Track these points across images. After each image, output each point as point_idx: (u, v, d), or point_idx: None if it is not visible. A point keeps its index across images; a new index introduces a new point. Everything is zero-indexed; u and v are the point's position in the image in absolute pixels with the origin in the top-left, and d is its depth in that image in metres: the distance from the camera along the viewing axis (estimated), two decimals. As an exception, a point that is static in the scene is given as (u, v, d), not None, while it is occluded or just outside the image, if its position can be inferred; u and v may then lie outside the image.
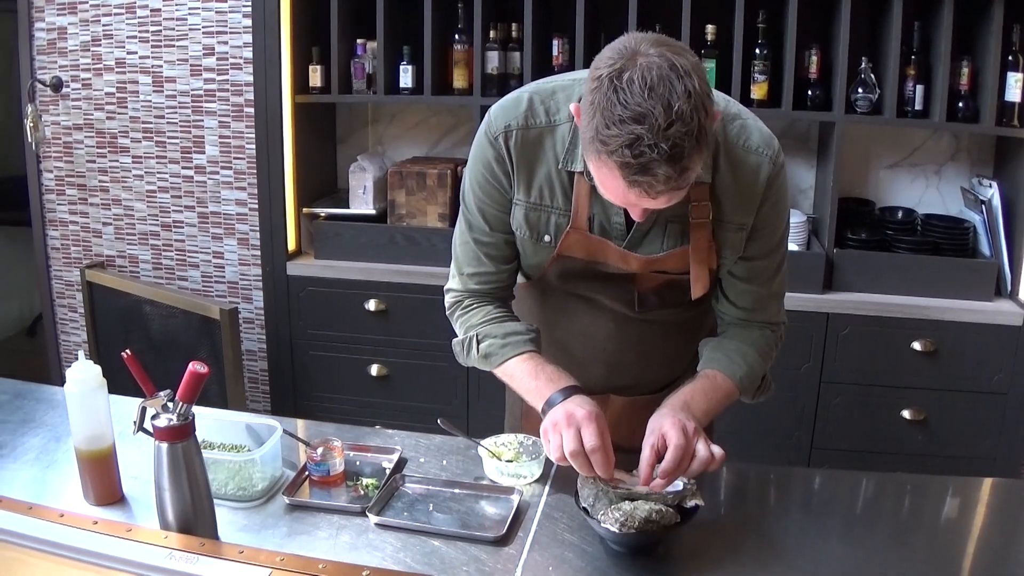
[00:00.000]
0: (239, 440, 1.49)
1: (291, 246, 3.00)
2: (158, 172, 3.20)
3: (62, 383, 1.36)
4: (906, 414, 2.67)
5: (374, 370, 2.97)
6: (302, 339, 3.01)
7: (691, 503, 1.28)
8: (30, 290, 4.01)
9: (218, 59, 3.04)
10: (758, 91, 2.69)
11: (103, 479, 1.37)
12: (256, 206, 3.08)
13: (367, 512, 1.35)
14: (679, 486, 1.30)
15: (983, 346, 2.59)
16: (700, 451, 1.30)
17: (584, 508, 1.29)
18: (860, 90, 2.64)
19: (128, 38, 3.10)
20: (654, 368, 1.60)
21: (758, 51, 2.67)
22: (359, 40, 2.93)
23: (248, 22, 2.91)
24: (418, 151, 3.22)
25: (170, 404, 1.23)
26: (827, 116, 2.69)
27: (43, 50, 3.18)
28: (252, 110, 2.97)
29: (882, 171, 2.97)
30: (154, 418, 1.23)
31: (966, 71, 2.62)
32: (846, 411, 2.71)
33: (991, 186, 2.68)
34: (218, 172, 3.15)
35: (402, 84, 2.90)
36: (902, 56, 2.58)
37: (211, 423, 1.48)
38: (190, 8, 3.02)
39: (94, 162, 3.25)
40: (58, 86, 3.18)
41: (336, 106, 3.22)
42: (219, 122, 3.09)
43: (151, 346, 2.95)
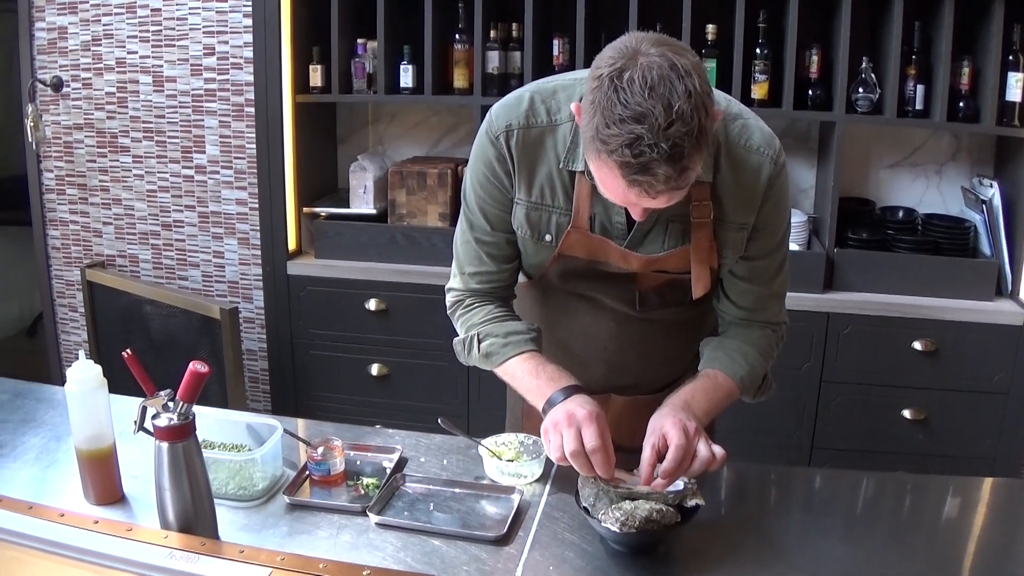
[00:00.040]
0: (239, 440, 1.49)
1: (291, 246, 3.00)
2: (158, 172, 3.20)
3: (62, 383, 1.36)
4: (907, 414, 2.67)
5: (374, 369, 2.97)
6: (302, 339, 3.01)
7: (692, 503, 1.28)
8: (30, 290, 4.01)
9: (218, 59, 3.04)
10: (759, 91, 2.69)
11: (103, 479, 1.37)
12: (256, 206, 3.08)
13: (368, 512, 1.35)
14: (680, 486, 1.30)
15: (984, 346, 2.59)
16: (701, 451, 1.30)
17: (585, 508, 1.29)
18: (861, 90, 2.64)
19: (128, 38, 3.10)
20: (655, 367, 1.60)
21: (759, 51, 2.67)
22: (359, 40, 2.93)
23: (248, 22, 2.91)
24: (418, 151, 3.22)
25: (171, 404, 1.23)
26: (828, 116, 2.69)
27: (43, 50, 3.18)
28: (252, 110, 2.97)
29: (883, 171, 2.97)
30: (155, 418, 1.23)
31: (967, 71, 2.61)
32: (847, 411, 2.71)
33: (992, 186, 2.68)
34: (218, 172, 3.15)
35: (402, 84, 2.90)
36: (903, 56, 2.58)
37: (212, 423, 1.48)
38: (190, 8, 3.02)
39: (94, 162, 3.25)
40: (58, 86, 3.18)
41: (336, 106, 3.22)
42: (219, 122, 3.09)
43: (151, 346, 2.95)
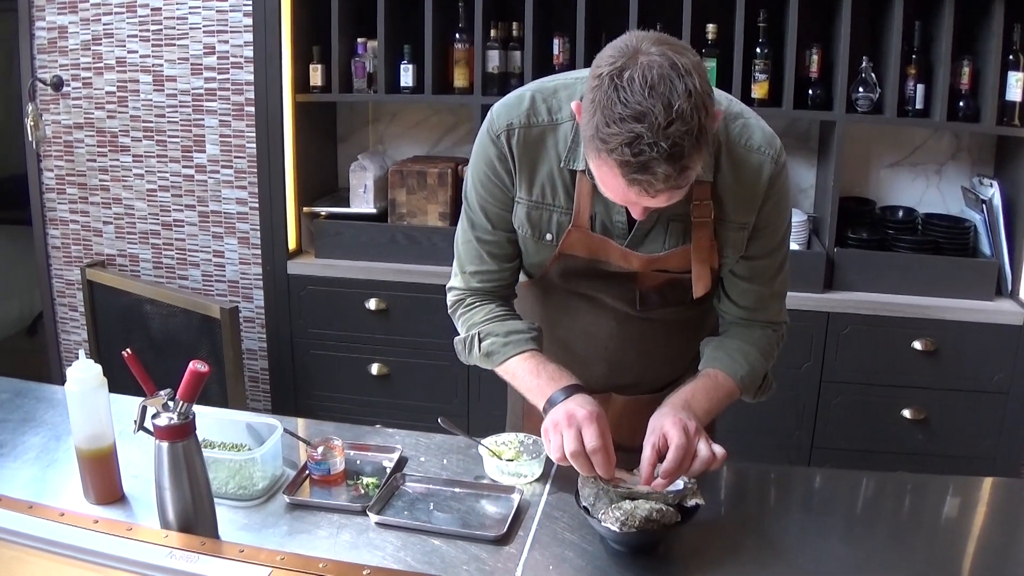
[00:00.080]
0: (239, 439, 1.49)
1: (292, 245, 3.00)
2: (159, 171, 3.20)
3: (62, 382, 1.36)
4: (906, 413, 2.67)
5: (375, 369, 2.97)
6: (302, 338, 3.01)
7: (692, 502, 1.28)
8: (31, 289, 4.01)
9: (219, 58, 3.04)
10: (759, 90, 2.69)
11: (103, 478, 1.37)
12: (257, 205, 3.08)
13: (368, 511, 1.35)
14: (680, 485, 1.30)
15: (984, 345, 2.59)
16: (701, 450, 1.30)
17: (585, 507, 1.29)
18: (861, 89, 2.64)
19: (129, 37, 3.10)
20: (656, 367, 1.60)
21: (759, 50, 2.67)
22: (360, 39, 2.92)
23: (249, 21, 2.91)
24: (419, 150, 3.22)
25: (171, 403, 1.23)
26: (828, 115, 2.69)
27: (44, 49, 3.18)
28: (253, 109, 2.97)
29: (883, 170, 2.97)
30: (155, 417, 1.23)
31: (967, 70, 2.61)
32: (847, 410, 2.71)
33: (992, 185, 2.68)
34: (219, 171, 3.15)
35: (403, 83, 2.90)
36: (903, 55, 2.58)
37: (212, 422, 1.48)
38: (191, 7, 3.02)
39: (94, 161, 3.25)
40: (59, 85, 3.18)
41: (337, 105, 3.22)
42: (219, 121, 3.09)
43: (151, 345, 2.95)
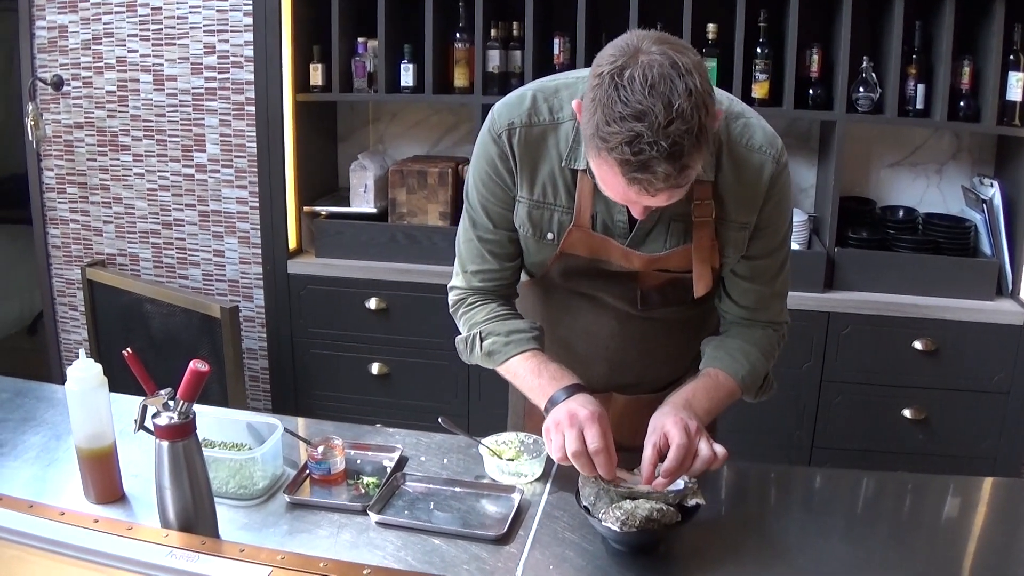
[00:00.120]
0: (240, 438, 1.49)
1: (292, 244, 3.00)
2: (159, 170, 3.20)
3: (63, 381, 1.36)
4: (907, 413, 2.67)
5: (375, 368, 2.97)
6: (303, 337, 3.01)
7: (692, 502, 1.28)
8: (31, 288, 4.01)
9: (219, 57, 3.04)
10: (759, 90, 2.69)
11: (104, 477, 1.37)
12: (257, 204, 3.08)
13: (368, 511, 1.35)
14: (680, 485, 1.30)
15: (984, 345, 2.59)
16: (702, 450, 1.30)
17: (585, 507, 1.29)
18: (861, 89, 2.64)
19: (129, 36, 3.10)
20: (657, 366, 1.59)
21: (759, 50, 2.67)
22: (360, 38, 2.92)
23: (249, 20, 2.91)
24: (419, 150, 3.22)
25: (171, 402, 1.23)
26: (828, 115, 2.69)
27: (44, 48, 3.18)
28: (253, 108, 2.97)
29: (883, 170, 2.97)
30: (155, 416, 1.23)
31: (967, 70, 2.61)
32: (847, 410, 2.71)
33: (992, 185, 2.68)
34: (219, 170, 3.14)
35: (403, 83, 2.90)
36: (903, 55, 2.58)
37: (212, 421, 1.48)
38: (191, 6, 3.02)
39: (95, 160, 3.25)
40: (59, 84, 3.18)
41: (337, 104, 3.22)
42: (220, 120, 3.09)
43: (152, 344, 2.95)
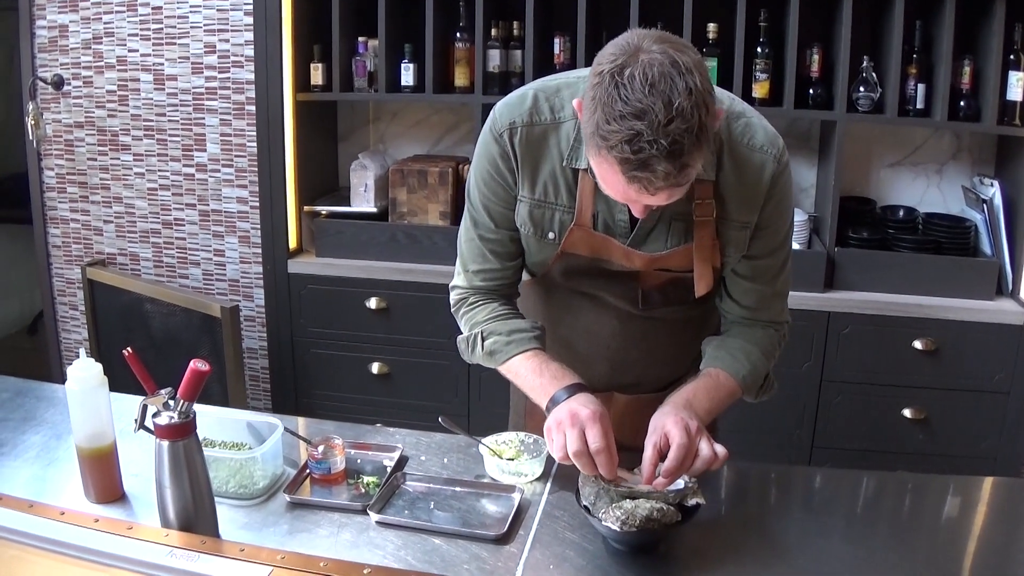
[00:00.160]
0: (240, 438, 1.49)
1: (292, 244, 3.00)
2: (159, 170, 3.20)
3: (63, 381, 1.36)
4: (907, 413, 2.67)
5: (375, 368, 2.97)
6: (303, 337, 3.01)
7: (692, 501, 1.28)
8: (31, 288, 4.01)
9: (219, 57, 3.04)
10: (760, 90, 2.69)
11: (104, 477, 1.37)
12: (257, 204, 3.08)
13: (368, 510, 1.35)
14: (680, 484, 1.30)
15: (984, 345, 2.59)
16: (703, 450, 1.30)
17: (585, 506, 1.29)
18: (862, 89, 2.64)
19: (129, 36, 3.10)
20: (658, 366, 1.59)
21: (760, 50, 2.67)
22: (360, 38, 2.92)
23: (249, 20, 2.91)
24: (419, 149, 3.22)
25: (171, 402, 1.23)
26: (829, 115, 2.69)
27: (44, 48, 3.18)
28: (253, 108, 2.97)
29: (883, 170, 2.97)
30: (155, 416, 1.23)
31: (967, 70, 2.61)
32: (847, 410, 2.71)
33: (992, 185, 2.68)
34: (219, 170, 3.14)
35: (403, 82, 2.90)
36: (904, 55, 2.58)
37: (212, 421, 1.48)
38: (191, 6, 3.02)
39: (95, 160, 3.25)
40: (59, 84, 3.18)
41: (337, 104, 3.22)
42: (220, 120, 3.09)
43: (152, 344, 2.95)
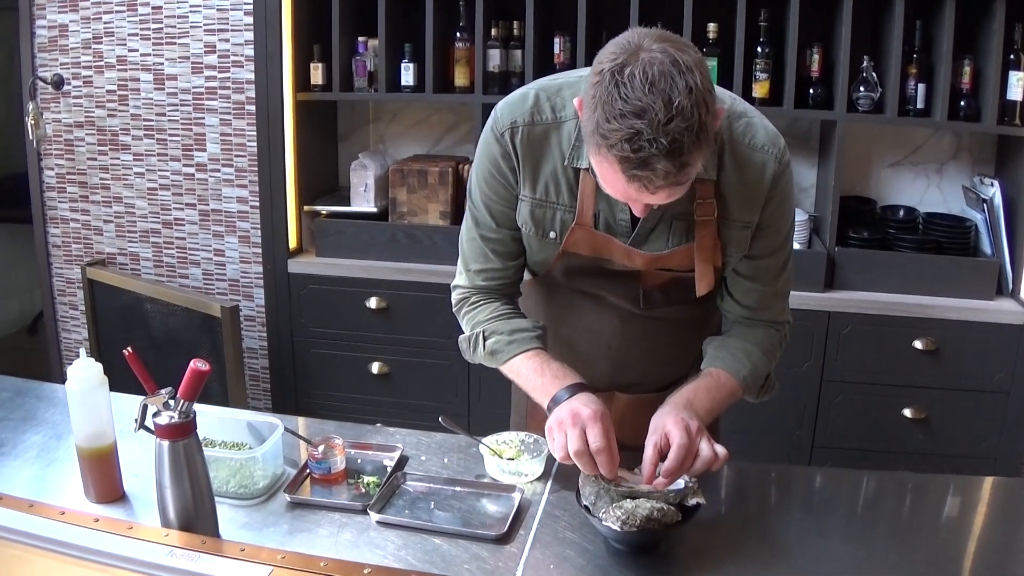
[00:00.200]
0: (240, 438, 1.49)
1: (292, 244, 3.00)
2: (159, 169, 3.20)
3: (63, 381, 1.36)
4: (907, 413, 2.67)
5: (375, 368, 2.97)
6: (303, 337, 3.01)
7: (692, 501, 1.28)
8: (31, 288, 4.01)
9: (219, 56, 3.04)
10: (760, 89, 2.69)
11: (104, 477, 1.37)
12: (257, 204, 3.08)
13: (368, 510, 1.35)
14: (680, 484, 1.30)
15: (984, 345, 2.59)
16: (703, 450, 1.30)
17: (585, 506, 1.29)
18: (862, 89, 2.64)
19: (129, 35, 3.10)
20: (659, 366, 1.59)
21: (760, 49, 2.67)
22: (360, 38, 2.92)
23: (249, 19, 2.91)
24: (419, 149, 3.22)
25: (171, 402, 1.23)
26: (829, 115, 2.69)
27: (44, 47, 3.18)
28: (253, 107, 2.97)
29: (884, 170, 2.97)
30: (155, 416, 1.23)
31: (968, 70, 2.61)
32: (847, 410, 2.71)
33: (992, 185, 2.68)
34: (219, 170, 3.14)
35: (403, 82, 2.90)
36: (904, 55, 2.58)
37: (212, 421, 1.48)
38: (191, 5, 3.02)
39: (95, 160, 3.25)
40: (59, 83, 3.18)
41: (337, 104, 3.22)
42: (220, 119, 3.09)
43: (152, 344, 2.95)
